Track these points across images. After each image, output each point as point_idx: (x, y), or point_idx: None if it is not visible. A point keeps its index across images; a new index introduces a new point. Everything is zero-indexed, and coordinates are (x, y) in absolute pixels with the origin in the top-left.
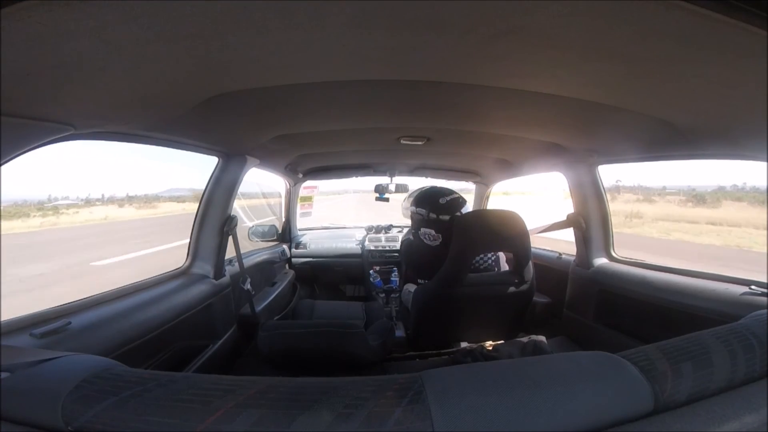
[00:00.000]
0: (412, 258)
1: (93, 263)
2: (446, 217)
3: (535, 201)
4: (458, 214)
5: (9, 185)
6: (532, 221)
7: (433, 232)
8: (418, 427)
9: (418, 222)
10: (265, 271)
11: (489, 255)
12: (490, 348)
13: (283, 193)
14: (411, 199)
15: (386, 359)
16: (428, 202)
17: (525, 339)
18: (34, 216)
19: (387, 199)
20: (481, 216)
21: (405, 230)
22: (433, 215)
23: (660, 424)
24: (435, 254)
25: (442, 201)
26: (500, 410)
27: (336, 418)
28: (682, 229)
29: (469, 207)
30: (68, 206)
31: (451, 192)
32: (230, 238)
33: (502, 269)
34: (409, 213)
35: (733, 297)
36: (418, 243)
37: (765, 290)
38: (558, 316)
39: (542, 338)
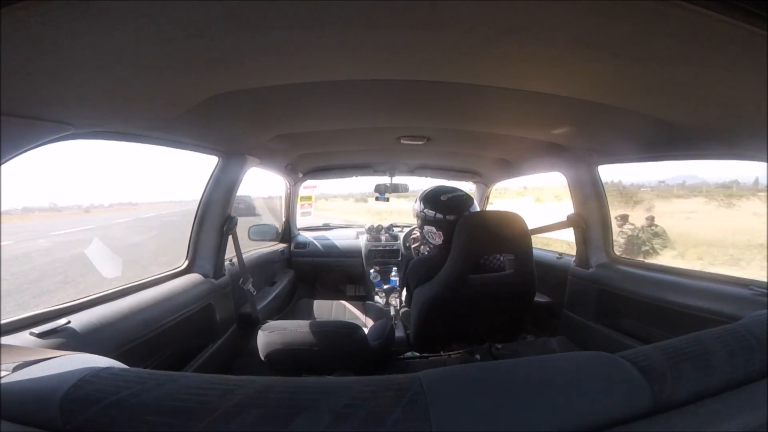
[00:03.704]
0: (422, 273)
1: None
2: (450, 217)
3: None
4: (466, 213)
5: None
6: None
7: (434, 229)
8: (417, 428)
9: (422, 221)
10: (265, 271)
11: (501, 255)
12: (500, 348)
13: (283, 193)
14: (418, 198)
15: (386, 359)
16: (430, 200)
17: (533, 338)
18: None
19: (387, 199)
20: (481, 217)
21: (405, 230)
22: (430, 213)
23: (659, 424)
24: (443, 256)
25: (443, 198)
26: (499, 410)
27: (335, 418)
28: None
29: (476, 205)
30: None
31: (454, 190)
32: (230, 238)
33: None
34: (416, 213)
35: (733, 297)
36: (428, 255)
37: (765, 290)
38: (558, 316)
39: (550, 338)
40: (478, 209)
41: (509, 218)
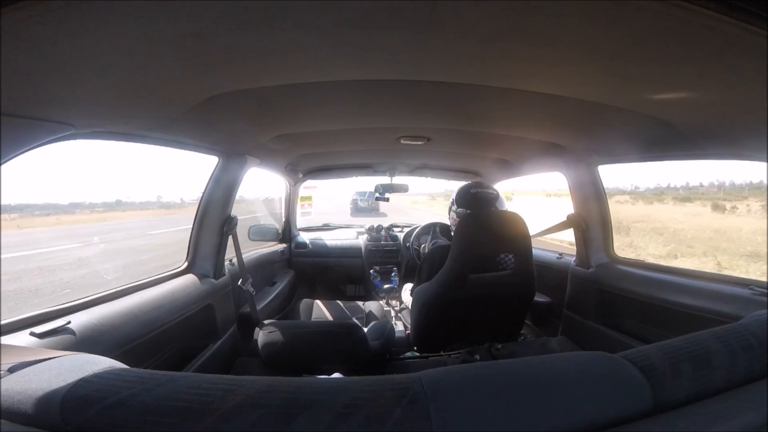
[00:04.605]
0: (438, 262)
1: None
2: (470, 210)
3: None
4: (492, 209)
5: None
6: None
7: (455, 216)
8: (417, 428)
9: (449, 210)
10: (265, 271)
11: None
12: (500, 348)
13: (283, 193)
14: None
15: (386, 359)
16: (459, 191)
17: (533, 338)
18: None
19: (387, 199)
20: (481, 217)
21: (405, 230)
22: (456, 206)
23: (659, 423)
24: None
25: (472, 191)
26: (499, 411)
27: (335, 418)
28: None
29: (503, 200)
30: None
31: (486, 187)
32: (230, 238)
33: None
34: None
35: (733, 297)
36: (447, 245)
37: (765, 290)
38: (558, 316)
39: (550, 338)
40: (506, 207)
41: (509, 218)
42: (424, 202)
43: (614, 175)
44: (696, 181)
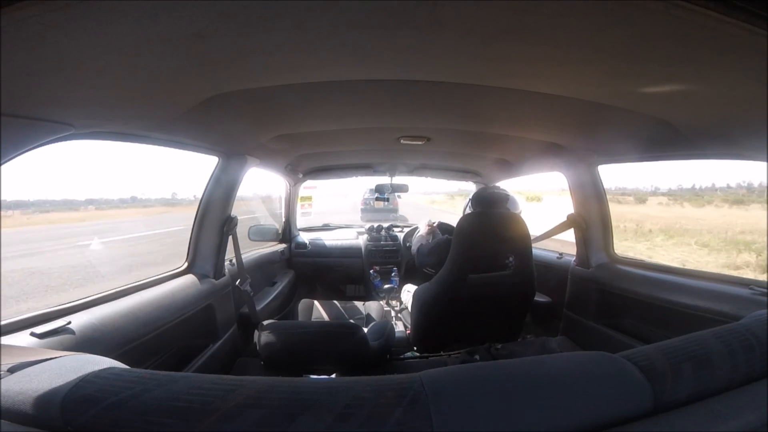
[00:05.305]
0: (444, 255)
1: None
2: (479, 209)
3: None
4: (502, 209)
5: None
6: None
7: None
8: (418, 428)
9: (465, 208)
10: (265, 271)
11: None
12: (499, 348)
13: (283, 193)
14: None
15: (386, 359)
16: (476, 192)
17: (532, 338)
18: None
19: (387, 199)
20: (481, 217)
21: (406, 230)
22: (469, 208)
23: (660, 424)
24: None
25: (487, 191)
26: (500, 410)
27: (336, 418)
28: None
29: (516, 202)
30: None
31: (500, 190)
32: (230, 238)
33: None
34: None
35: (733, 297)
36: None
37: (765, 290)
38: (558, 316)
39: (550, 338)
40: (519, 209)
41: (509, 219)
42: (443, 201)
43: (629, 175)
44: (723, 183)
